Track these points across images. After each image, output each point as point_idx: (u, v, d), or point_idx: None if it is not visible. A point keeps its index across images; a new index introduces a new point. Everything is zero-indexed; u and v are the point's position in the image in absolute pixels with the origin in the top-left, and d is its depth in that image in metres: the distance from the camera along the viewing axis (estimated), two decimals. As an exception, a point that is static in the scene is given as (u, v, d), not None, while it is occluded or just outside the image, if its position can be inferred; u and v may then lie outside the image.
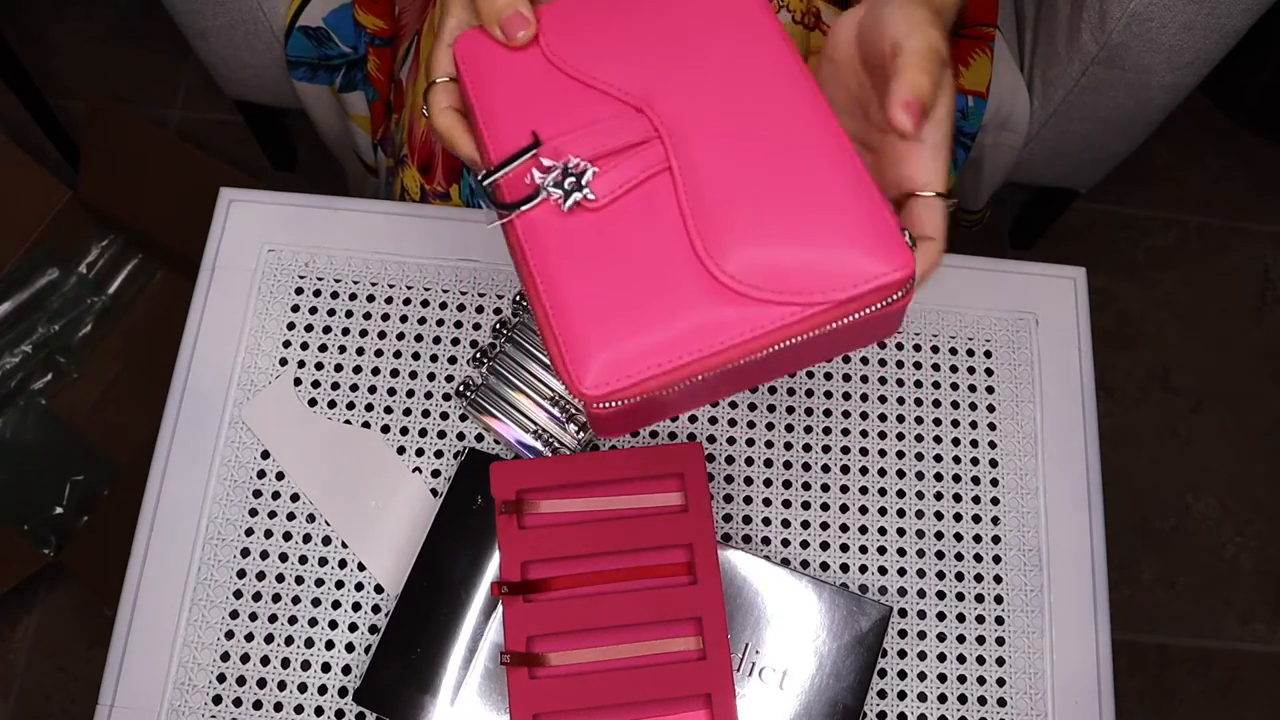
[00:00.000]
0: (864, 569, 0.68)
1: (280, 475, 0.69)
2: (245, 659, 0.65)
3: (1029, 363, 0.72)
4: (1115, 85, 0.96)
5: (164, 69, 1.53)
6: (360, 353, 0.72)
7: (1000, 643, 0.66)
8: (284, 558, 0.67)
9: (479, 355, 0.71)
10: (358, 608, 0.66)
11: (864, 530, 0.68)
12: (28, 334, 1.27)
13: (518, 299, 0.72)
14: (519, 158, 0.45)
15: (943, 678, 0.66)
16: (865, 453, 0.70)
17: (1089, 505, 0.69)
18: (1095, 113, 1.01)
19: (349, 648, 0.65)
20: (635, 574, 0.64)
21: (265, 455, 0.69)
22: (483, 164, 0.49)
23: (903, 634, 0.66)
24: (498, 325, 0.71)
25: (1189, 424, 1.41)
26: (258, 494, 0.68)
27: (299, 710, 0.64)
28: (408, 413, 0.70)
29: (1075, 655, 0.66)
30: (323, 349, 0.72)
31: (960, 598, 0.67)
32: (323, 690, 0.65)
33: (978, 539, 0.69)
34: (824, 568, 0.68)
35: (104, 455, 1.26)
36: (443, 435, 0.70)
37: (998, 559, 0.68)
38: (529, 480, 0.65)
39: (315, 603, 0.66)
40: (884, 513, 0.69)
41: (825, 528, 0.68)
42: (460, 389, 0.70)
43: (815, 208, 0.42)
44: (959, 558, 0.68)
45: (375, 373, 0.71)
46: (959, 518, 0.69)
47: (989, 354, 0.73)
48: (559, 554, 0.64)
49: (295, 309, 0.73)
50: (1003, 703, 0.65)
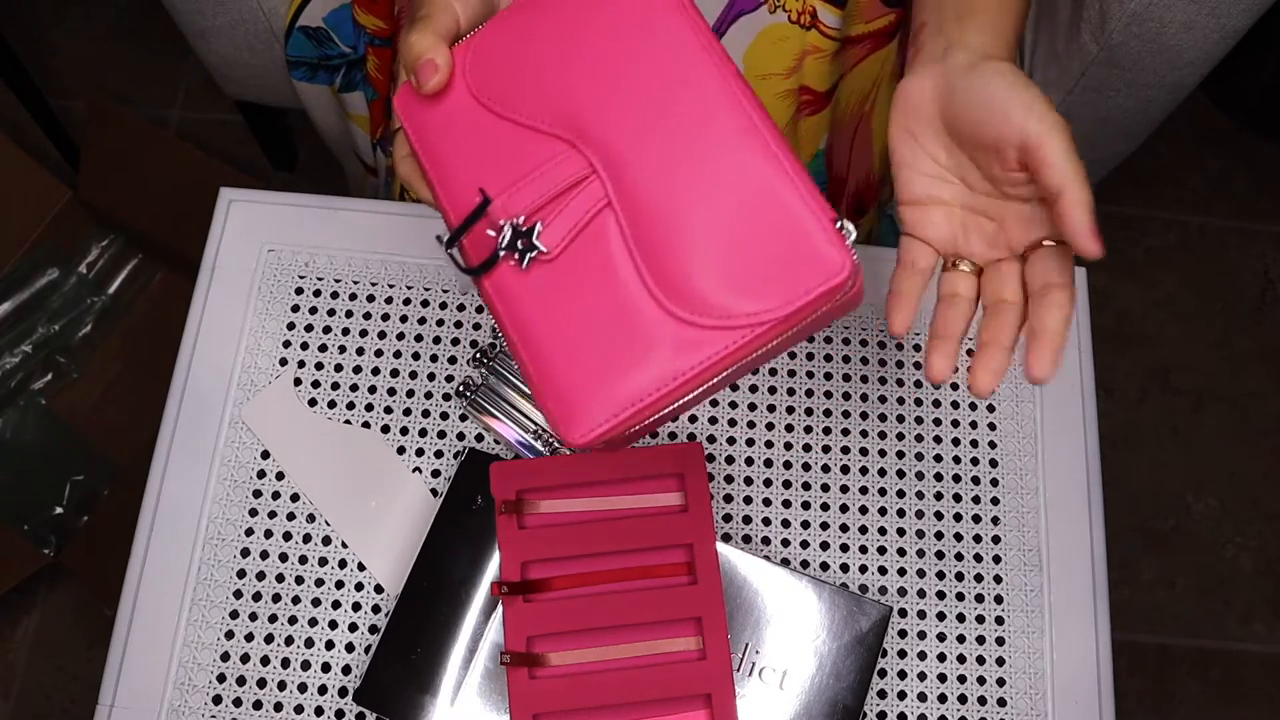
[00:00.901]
0: (864, 569, 0.68)
1: (280, 475, 0.69)
2: (245, 659, 0.65)
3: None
4: (1115, 85, 0.96)
5: (164, 69, 1.53)
6: (360, 353, 0.72)
7: (1000, 643, 0.66)
8: (284, 558, 0.67)
9: (479, 355, 0.71)
10: (358, 608, 0.66)
11: (864, 530, 0.68)
12: (28, 334, 1.27)
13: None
14: (472, 220, 0.47)
15: (943, 678, 0.66)
16: (865, 453, 0.70)
17: (1089, 505, 0.69)
18: (1095, 113, 1.01)
19: (349, 648, 0.65)
20: (635, 574, 0.64)
21: (265, 455, 0.69)
22: (439, 209, 0.50)
23: (903, 634, 0.66)
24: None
25: (1189, 424, 1.41)
26: (258, 494, 0.68)
27: (299, 710, 0.64)
28: (408, 413, 0.70)
29: (1075, 655, 0.66)
30: (323, 349, 0.72)
31: (960, 598, 0.67)
32: (323, 690, 0.65)
33: (978, 539, 0.69)
34: (824, 568, 0.68)
35: (104, 455, 1.26)
36: (443, 435, 0.70)
37: (998, 559, 0.68)
38: (529, 480, 0.65)
39: (315, 603, 0.66)
40: (884, 513, 0.69)
41: (825, 528, 0.68)
42: (460, 389, 0.70)
43: (749, 224, 0.43)
44: (959, 558, 0.68)
45: (375, 373, 0.71)
46: (959, 518, 0.69)
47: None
48: (559, 554, 0.64)
49: (295, 309, 0.73)
50: (1003, 703, 0.65)
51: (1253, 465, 1.39)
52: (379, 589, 0.67)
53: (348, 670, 0.65)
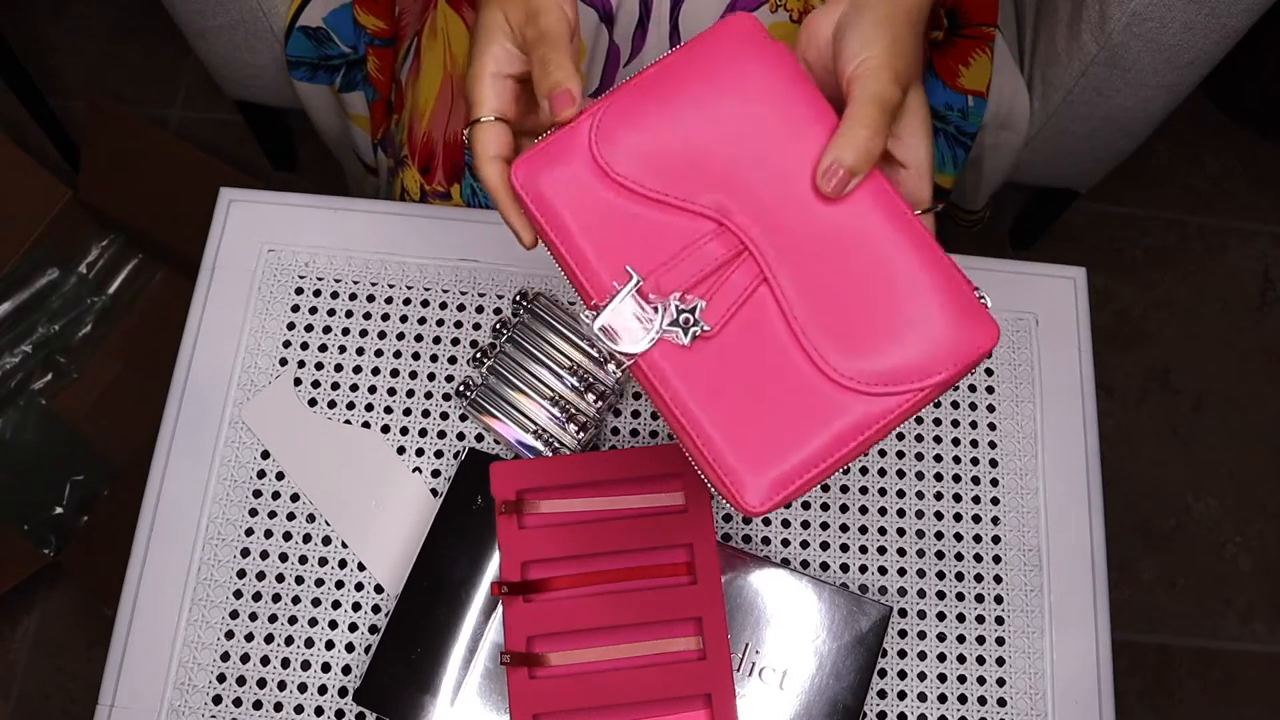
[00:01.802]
0: (864, 569, 0.68)
1: (280, 475, 0.69)
2: (245, 659, 0.65)
3: (1029, 363, 0.72)
4: (1115, 85, 0.96)
5: (164, 69, 1.53)
6: (360, 353, 0.72)
7: (1000, 643, 0.66)
8: (284, 558, 0.67)
9: (479, 355, 0.71)
10: (358, 608, 0.66)
11: (864, 530, 0.68)
12: (28, 334, 1.27)
13: (517, 299, 0.72)
14: (622, 296, 0.46)
15: (943, 678, 0.66)
16: (865, 453, 0.70)
17: (1089, 505, 0.69)
18: (1095, 113, 1.01)
19: (349, 648, 0.65)
20: (635, 574, 0.64)
21: (265, 455, 0.69)
22: (531, 241, 0.51)
23: (903, 634, 0.66)
24: (498, 325, 0.71)
25: (1189, 424, 1.41)
26: (258, 494, 0.68)
27: (299, 710, 0.64)
28: (408, 413, 0.70)
29: (1075, 655, 0.66)
30: (323, 349, 0.72)
31: (960, 598, 0.67)
32: (323, 690, 0.65)
33: (978, 539, 0.69)
34: (824, 568, 0.68)
35: (104, 455, 1.26)
36: (443, 435, 0.70)
37: (998, 559, 0.68)
38: (529, 480, 0.65)
39: (315, 603, 0.66)
40: (884, 513, 0.69)
41: (825, 528, 0.68)
42: (460, 389, 0.70)
43: (904, 294, 0.45)
44: (959, 558, 0.68)
45: (375, 373, 0.71)
46: (959, 518, 0.69)
47: (989, 354, 0.73)
48: (559, 554, 0.64)
49: (295, 309, 0.73)
50: (1003, 703, 0.65)
51: (1253, 465, 1.39)
52: (379, 589, 0.67)
53: (348, 670, 0.65)
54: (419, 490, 0.69)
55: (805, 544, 0.68)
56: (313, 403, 0.70)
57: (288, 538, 0.68)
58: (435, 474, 0.69)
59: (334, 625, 0.66)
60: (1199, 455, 1.39)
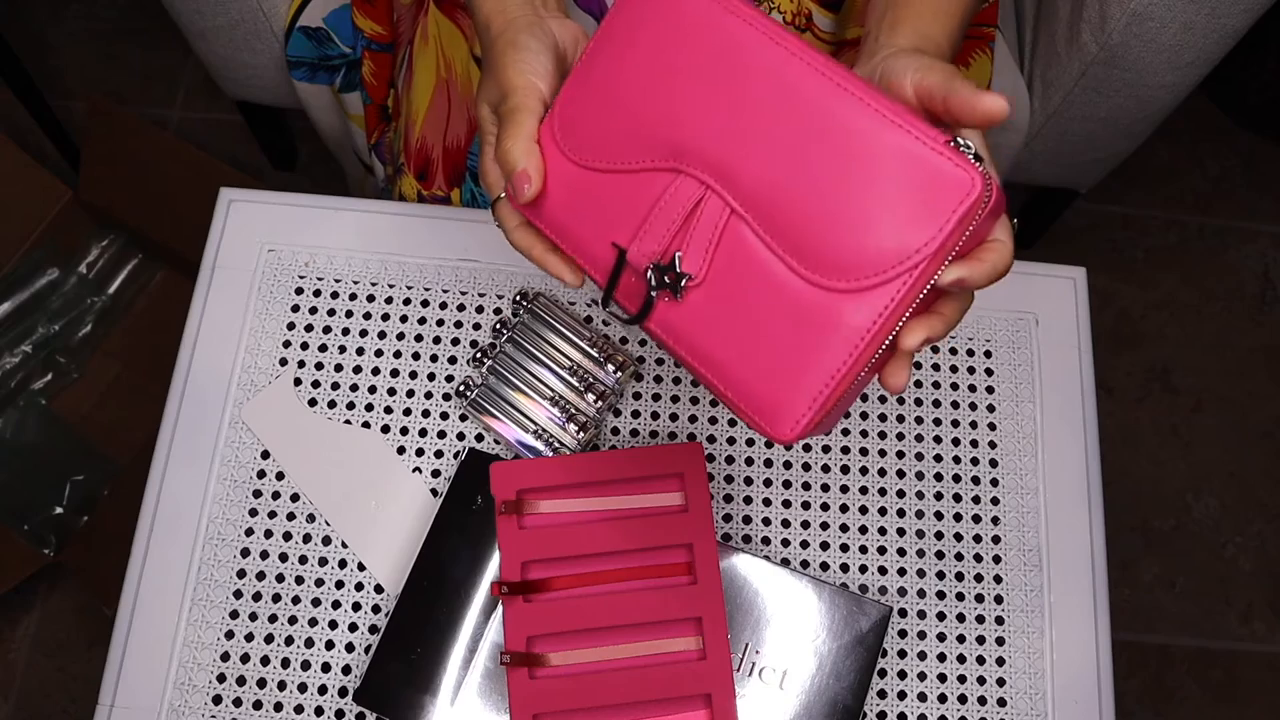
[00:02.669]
0: (864, 569, 0.68)
1: (280, 475, 0.69)
2: (245, 659, 0.65)
3: (1029, 363, 0.72)
4: (1115, 85, 0.96)
5: (164, 69, 1.53)
6: (360, 353, 0.72)
7: (1000, 643, 0.66)
8: (284, 558, 0.67)
9: (479, 355, 0.71)
10: (358, 608, 0.66)
11: (864, 530, 0.68)
12: (28, 334, 1.27)
13: (517, 299, 0.72)
14: (616, 275, 0.49)
15: (943, 678, 0.66)
16: (865, 453, 0.70)
17: (1089, 505, 0.69)
18: (1095, 113, 1.01)
19: (349, 648, 0.65)
20: (635, 574, 0.64)
21: (265, 455, 0.69)
22: (576, 281, 0.52)
23: (903, 634, 0.66)
24: (498, 325, 0.71)
25: (1189, 424, 1.41)
26: (258, 494, 0.68)
27: (299, 710, 0.64)
28: (408, 413, 0.70)
29: (1075, 655, 0.66)
30: (323, 349, 0.72)
31: (960, 598, 0.67)
32: (323, 690, 0.65)
33: (978, 539, 0.69)
34: (824, 568, 0.68)
35: (104, 455, 1.26)
36: (443, 435, 0.70)
37: (998, 559, 0.68)
38: (529, 480, 0.65)
39: (315, 603, 0.66)
40: (884, 513, 0.69)
41: (825, 528, 0.68)
42: (460, 389, 0.70)
43: (869, 177, 0.43)
44: (959, 558, 0.68)
45: (375, 373, 0.71)
46: (959, 518, 0.69)
47: (989, 354, 0.73)
48: (559, 554, 0.64)
49: (295, 309, 0.73)
50: (1003, 703, 0.65)
51: (1253, 465, 1.39)
52: (379, 589, 0.67)
53: (348, 670, 0.65)
54: (419, 490, 0.69)
55: (805, 544, 0.68)
56: (313, 403, 0.70)
57: (288, 538, 0.68)
58: (435, 474, 0.69)
59: (334, 625, 0.66)
60: (1199, 455, 1.39)
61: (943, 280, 0.43)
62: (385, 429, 0.70)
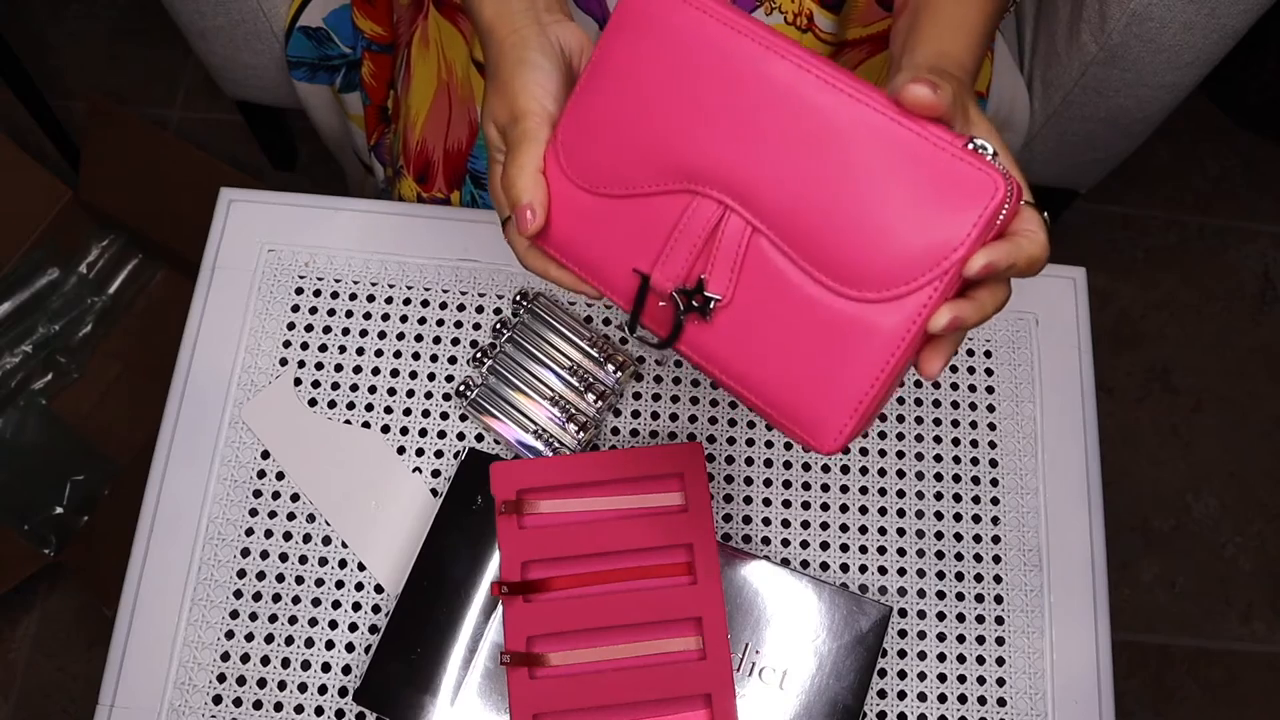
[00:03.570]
0: (864, 569, 0.68)
1: (280, 475, 0.69)
2: (245, 659, 0.65)
3: (1029, 363, 0.72)
4: (1115, 85, 0.96)
5: (164, 69, 1.53)
6: (360, 353, 0.72)
7: (1000, 643, 0.66)
8: (284, 558, 0.67)
9: (479, 355, 0.71)
10: (358, 608, 0.66)
11: (864, 530, 0.68)
12: (28, 334, 1.27)
13: (517, 299, 0.72)
14: (642, 301, 0.48)
15: (943, 678, 0.66)
16: (865, 453, 0.70)
17: (1089, 505, 0.69)
18: (1095, 113, 1.01)
19: (349, 648, 0.65)
20: (635, 574, 0.64)
21: (265, 455, 0.69)
22: (595, 294, 0.51)
23: (903, 634, 0.66)
24: (498, 325, 0.71)
25: (1189, 424, 1.41)
26: (258, 494, 0.68)
27: (299, 710, 0.64)
28: (408, 413, 0.70)
29: (1075, 655, 0.66)
30: (323, 349, 0.72)
31: (960, 598, 0.67)
32: (323, 690, 0.65)
33: (978, 539, 0.69)
34: (824, 568, 0.68)
35: (104, 455, 1.26)
36: (443, 435, 0.70)
37: (998, 559, 0.68)
38: (529, 480, 0.65)
39: (315, 603, 0.66)
40: (884, 513, 0.69)
41: (825, 528, 0.68)
42: (460, 389, 0.70)
43: (890, 186, 0.43)
44: (959, 558, 0.68)
45: (375, 373, 0.71)
46: (959, 518, 0.69)
47: (989, 354, 0.73)
48: (559, 554, 0.64)
49: (295, 309, 0.73)
50: (1003, 703, 0.65)
51: (1253, 465, 1.39)
52: (379, 589, 0.67)
53: (348, 670, 0.65)
54: (419, 490, 0.69)
55: (805, 544, 0.68)
56: (313, 403, 0.70)
57: (288, 538, 0.68)
58: (435, 474, 0.69)
59: (334, 625, 0.66)
60: (1199, 455, 1.39)
61: (970, 269, 0.42)
62: (385, 429, 0.70)
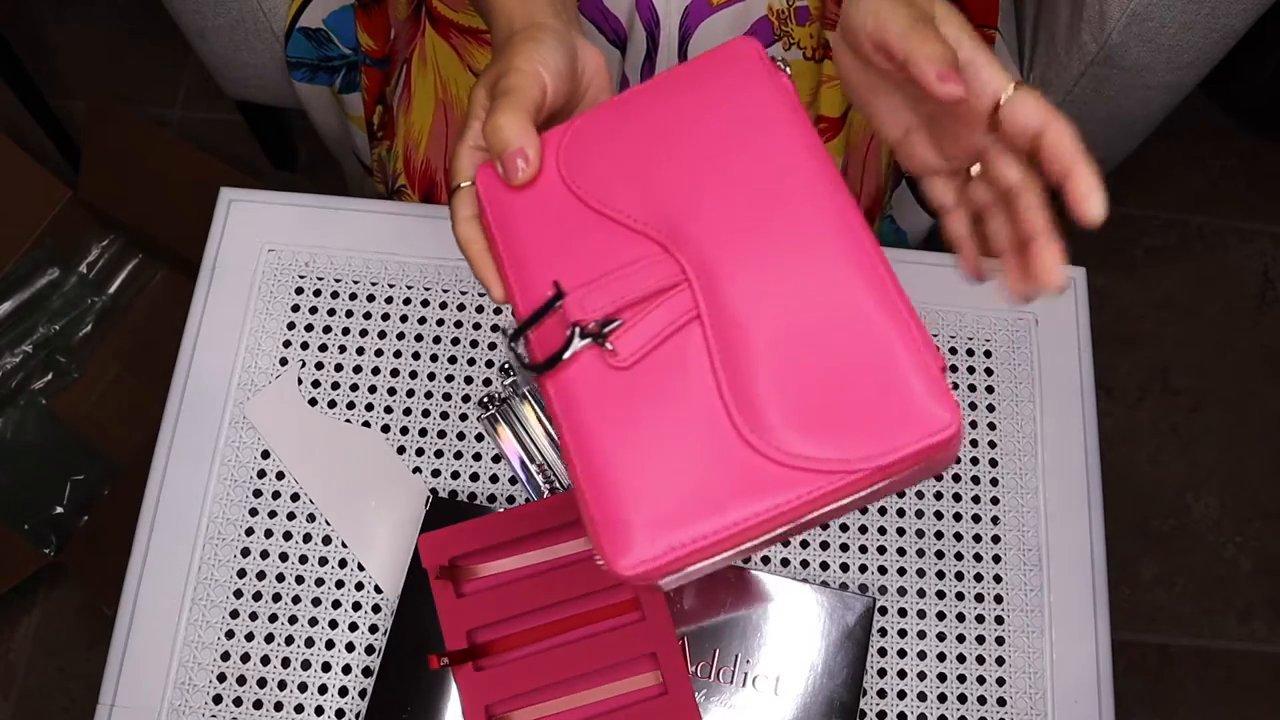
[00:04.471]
0: (864, 569, 0.68)
1: (280, 475, 0.69)
2: (245, 659, 0.65)
3: (1029, 363, 0.72)
4: (1115, 85, 0.96)
5: (164, 69, 1.53)
6: (360, 352, 0.72)
7: (1000, 643, 0.66)
8: (284, 558, 0.67)
9: (504, 367, 0.71)
10: (358, 607, 0.66)
11: (864, 530, 0.68)
12: (28, 334, 1.27)
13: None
14: (542, 314, 0.43)
15: (943, 677, 0.66)
16: (865, 453, 0.70)
17: (1089, 505, 0.69)
18: (1095, 113, 1.01)
19: (349, 647, 0.65)
20: (583, 620, 0.62)
21: (265, 455, 0.69)
22: (501, 296, 0.47)
23: (902, 634, 0.66)
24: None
25: (1189, 424, 1.41)
26: (258, 494, 0.68)
27: (299, 710, 0.64)
28: (408, 412, 0.70)
29: (1075, 655, 0.66)
30: (323, 349, 0.72)
31: (960, 598, 0.67)
32: (323, 690, 0.65)
33: (977, 539, 0.69)
34: (824, 567, 0.68)
35: (104, 455, 1.26)
36: (443, 435, 0.70)
37: (998, 559, 0.68)
38: (461, 546, 0.64)
39: (315, 603, 0.66)
40: (883, 512, 0.69)
41: (825, 527, 0.68)
42: (484, 399, 0.70)
43: (848, 361, 0.39)
44: (959, 557, 0.68)
45: (375, 372, 0.71)
46: (959, 517, 0.69)
47: (989, 354, 0.73)
48: (502, 615, 0.62)
49: (295, 309, 0.73)
50: (1003, 703, 0.65)
51: (1253, 465, 1.39)
52: (379, 589, 0.67)
53: (348, 670, 0.65)
54: (419, 490, 0.69)
55: (805, 544, 0.68)
56: (313, 402, 0.70)
57: (288, 538, 0.68)
58: (435, 474, 0.69)
59: (334, 625, 0.66)
60: (1199, 455, 1.39)
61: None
62: (385, 429, 0.70)
